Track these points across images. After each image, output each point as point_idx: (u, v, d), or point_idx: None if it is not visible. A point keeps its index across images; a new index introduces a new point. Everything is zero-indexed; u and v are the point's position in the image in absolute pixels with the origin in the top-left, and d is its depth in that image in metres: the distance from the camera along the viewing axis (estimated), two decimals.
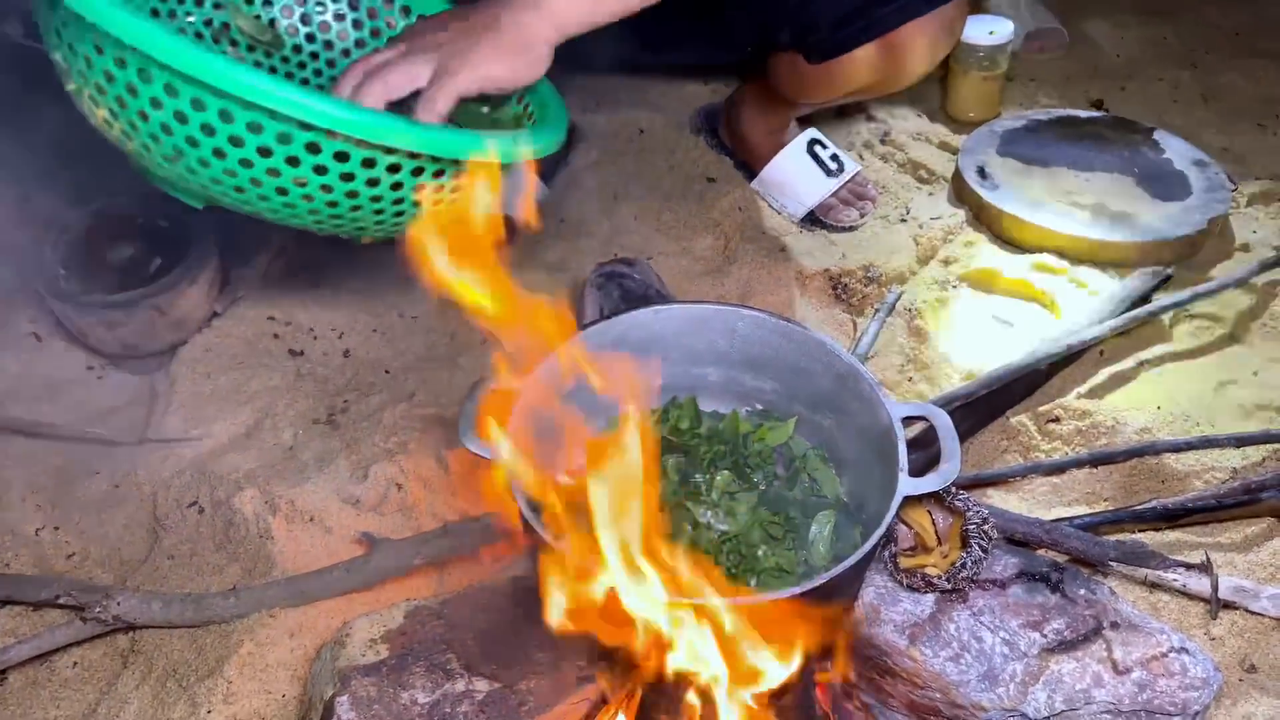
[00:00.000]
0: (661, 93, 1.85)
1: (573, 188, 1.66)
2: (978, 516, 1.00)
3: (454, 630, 0.98)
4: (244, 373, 1.33)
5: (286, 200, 0.95)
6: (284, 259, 1.48)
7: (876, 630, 0.99)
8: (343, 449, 1.24)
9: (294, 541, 1.12)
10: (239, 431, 1.27)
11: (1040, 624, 0.98)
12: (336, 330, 1.42)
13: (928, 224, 1.62)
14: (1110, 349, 1.39)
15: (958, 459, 0.94)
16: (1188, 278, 1.50)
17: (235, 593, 1.06)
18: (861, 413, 1.04)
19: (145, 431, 1.28)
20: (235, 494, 1.16)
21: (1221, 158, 1.71)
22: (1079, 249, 1.53)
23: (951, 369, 1.38)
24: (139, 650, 1.06)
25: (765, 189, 1.64)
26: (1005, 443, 1.29)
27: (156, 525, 1.18)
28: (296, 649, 1.03)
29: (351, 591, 1.08)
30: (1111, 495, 1.22)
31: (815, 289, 1.51)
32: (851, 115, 1.82)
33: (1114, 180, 1.63)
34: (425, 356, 1.42)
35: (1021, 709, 0.95)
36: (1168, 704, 0.96)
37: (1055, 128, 1.73)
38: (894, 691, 1.01)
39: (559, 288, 1.50)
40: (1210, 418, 1.29)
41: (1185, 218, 1.55)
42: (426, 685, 0.92)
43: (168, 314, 1.32)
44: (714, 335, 1.12)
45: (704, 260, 1.56)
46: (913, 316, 1.44)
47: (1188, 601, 1.09)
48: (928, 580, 0.99)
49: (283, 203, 0.95)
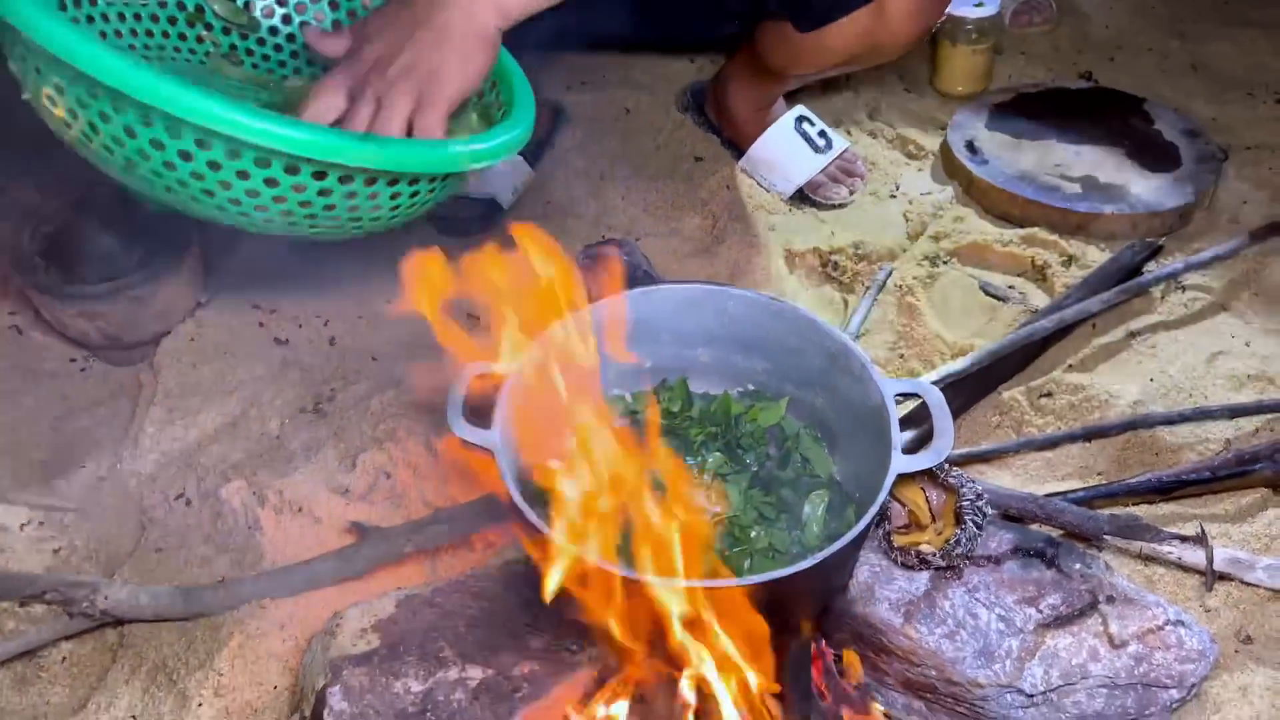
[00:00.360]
0: (647, 71, 1.83)
1: (559, 169, 1.65)
2: (971, 493, 1.00)
3: (446, 618, 0.97)
4: (229, 362, 1.32)
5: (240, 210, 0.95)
6: (267, 246, 1.46)
7: (872, 609, 0.99)
8: (330, 438, 1.23)
9: (283, 532, 1.11)
10: (225, 422, 1.25)
11: (1036, 599, 0.98)
12: (322, 318, 1.41)
13: (917, 200, 1.61)
14: (1102, 322, 1.38)
15: (950, 435, 0.94)
16: (1178, 249, 1.49)
17: (224, 584, 1.05)
18: (853, 391, 1.03)
19: (130, 423, 1.26)
20: (223, 485, 1.14)
21: (1211, 128, 1.70)
22: (1069, 222, 1.52)
23: (943, 345, 1.37)
24: (128, 644, 1.05)
25: (753, 167, 1.63)
26: (998, 418, 1.28)
27: (143, 518, 1.17)
28: (287, 640, 1.02)
29: (342, 581, 1.07)
30: (1105, 469, 1.21)
31: (805, 267, 1.50)
32: (839, 91, 1.80)
33: (1104, 152, 1.62)
34: (412, 343, 1.40)
35: (1018, 685, 0.95)
36: (1164, 676, 0.96)
37: (1044, 100, 1.72)
38: (890, 670, 1.00)
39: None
40: (1203, 389, 1.29)
41: (1176, 189, 1.54)
42: (419, 674, 0.92)
43: (150, 304, 1.31)
44: (704, 316, 1.11)
45: (692, 240, 1.54)
46: (904, 293, 1.43)
47: (1183, 574, 1.09)
48: (922, 558, 0.99)
49: (238, 213, 0.96)
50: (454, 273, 0.94)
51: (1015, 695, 0.96)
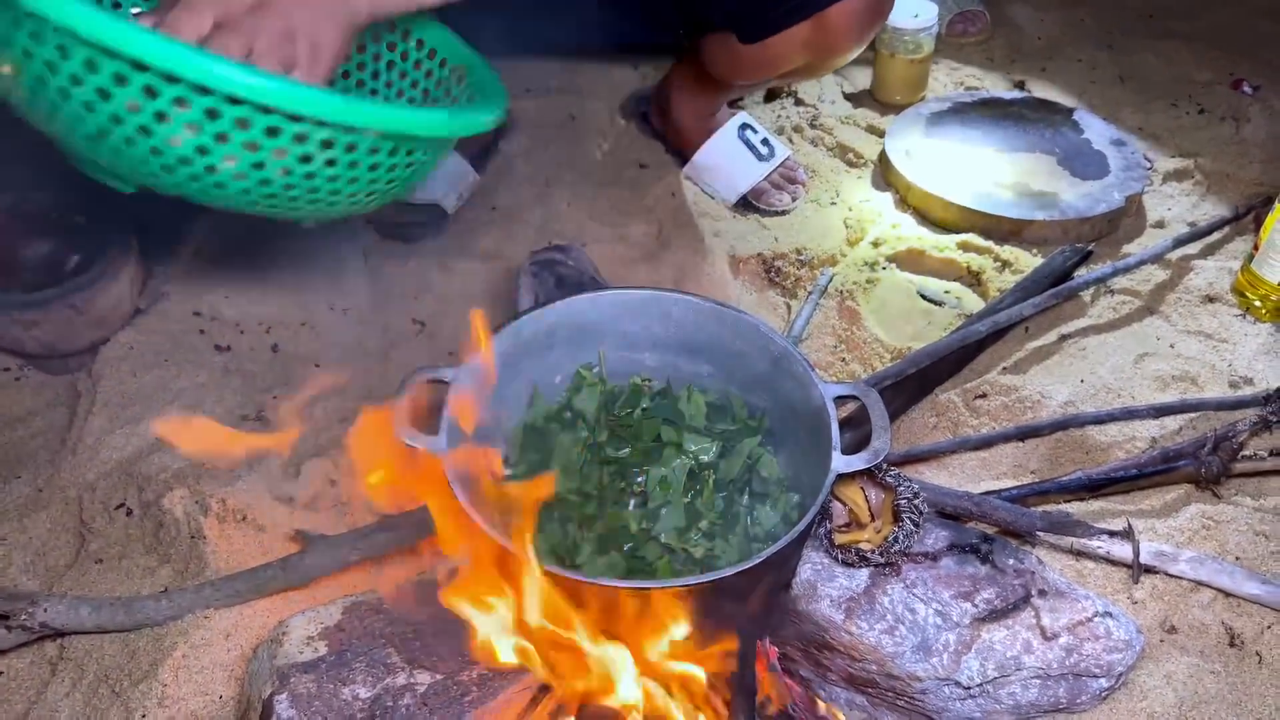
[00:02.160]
0: (592, 78, 1.84)
1: (504, 175, 1.65)
2: (909, 491, 1.02)
3: (393, 624, 0.97)
4: (169, 370, 1.30)
5: (216, 180, 0.93)
6: (207, 252, 1.45)
7: (814, 606, 1.01)
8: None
9: (227, 541, 1.10)
10: None
11: (971, 594, 1.00)
12: (264, 324, 1.40)
13: (857, 206, 1.64)
14: (1034, 325, 1.43)
15: (888, 436, 0.96)
16: (1107, 254, 1.55)
17: (167, 594, 1.04)
18: (795, 393, 1.05)
19: (68, 433, 1.24)
20: (165, 494, 1.13)
21: (1138, 136, 1.77)
22: (1003, 228, 1.56)
23: (882, 348, 1.41)
24: (68, 657, 1.04)
25: (697, 174, 1.65)
26: (935, 419, 1.32)
27: (83, 529, 1.15)
28: (233, 649, 1.01)
29: (287, 590, 1.06)
30: (1037, 467, 1.25)
31: (749, 272, 1.53)
32: (781, 100, 1.84)
33: (1036, 160, 1.67)
34: (356, 350, 1.40)
35: (955, 677, 0.98)
36: (1094, 666, 0.99)
37: (979, 109, 1.77)
38: (832, 665, 1.03)
39: (493, 275, 1.49)
40: (1130, 389, 1.33)
41: (1104, 196, 1.59)
42: (367, 680, 0.92)
43: (87, 312, 1.28)
44: (650, 320, 1.12)
45: (638, 246, 1.56)
46: (844, 298, 1.47)
47: (1111, 568, 1.13)
48: (862, 555, 1.01)
49: (213, 182, 0.93)
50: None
51: (953, 688, 0.99)
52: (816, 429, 1.00)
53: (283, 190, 0.96)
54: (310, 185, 0.97)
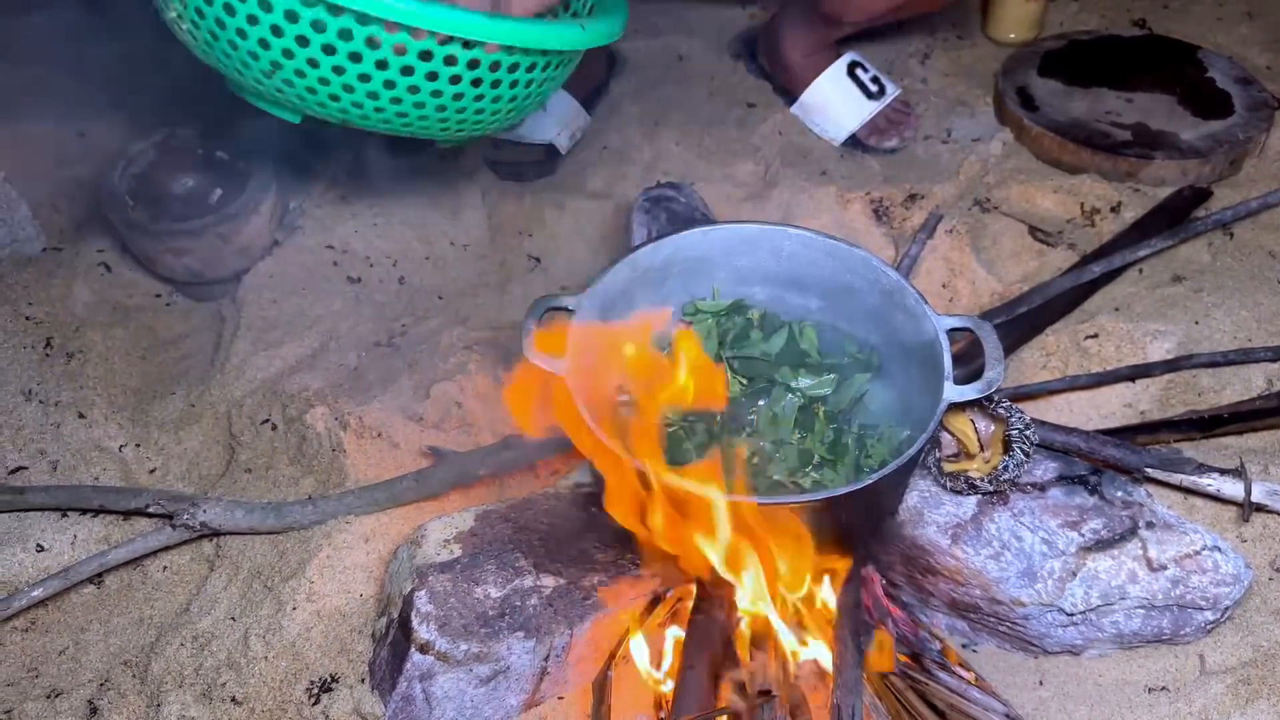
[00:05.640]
0: (699, 18, 1.86)
1: (614, 115, 1.69)
2: (1020, 423, 1.04)
3: (521, 532, 1.04)
4: (306, 298, 1.38)
5: (377, 104, 1.03)
6: (337, 190, 1.53)
7: (920, 531, 1.04)
8: (404, 370, 1.29)
9: (364, 455, 1.18)
10: (305, 353, 1.32)
11: (1078, 524, 1.02)
12: (391, 258, 1.47)
13: (968, 145, 1.63)
14: (1148, 267, 1.41)
15: (1001, 366, 0.97)
16: (1228, 196, 1.51)
17: (313, 501, 1.13)
18: (907, 326, 1.07)
19: (215, 354, 1.34)
20: (307, 411, 1.21)
21: (1265, 76, 1.70)
22: (1119, 169, 1.54)
23: (992, 288, 1.41)
24: (224, 555, 1.13)
25: (805, 113, 1.65)
26: (1045, 359, 1.32)
27: (232, 441, 1.25)
28: (371, 553, 1.10)
29: (420, 500, 1.14)
30: (1148, 408, 1.25)
31: (856, 212, 1.53)
32: (891, 38, 1.82)
33: (1155, 100, 1.63)
34: (476, 283, 1.46)
35: (1059, 604, 1.00)
36: (1199, 599, 1.00)
37: (1097, 48, 1.73)
38: (935, 590, 1.06)
39: (603, 213, 1.54)
40: (1246, 333, 1.31)
41: (1227, 136, 1.55)
42: (498, 580, 0.99)
43: (232, 241, 1.37)
44: (762, 254, 1.15)
45: (745, 185, 1.58)
46: (954, 237, 1.47)
47: (1220, 506, 1.13)
48: (971, 483, 1.03)
49: (373, 107, 1.03)
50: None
51: (1056, 614, 1.01)
52: (927, 362, 1.02)
53: (434, 112, 1.04)
54: (458, 106, 1.04)
